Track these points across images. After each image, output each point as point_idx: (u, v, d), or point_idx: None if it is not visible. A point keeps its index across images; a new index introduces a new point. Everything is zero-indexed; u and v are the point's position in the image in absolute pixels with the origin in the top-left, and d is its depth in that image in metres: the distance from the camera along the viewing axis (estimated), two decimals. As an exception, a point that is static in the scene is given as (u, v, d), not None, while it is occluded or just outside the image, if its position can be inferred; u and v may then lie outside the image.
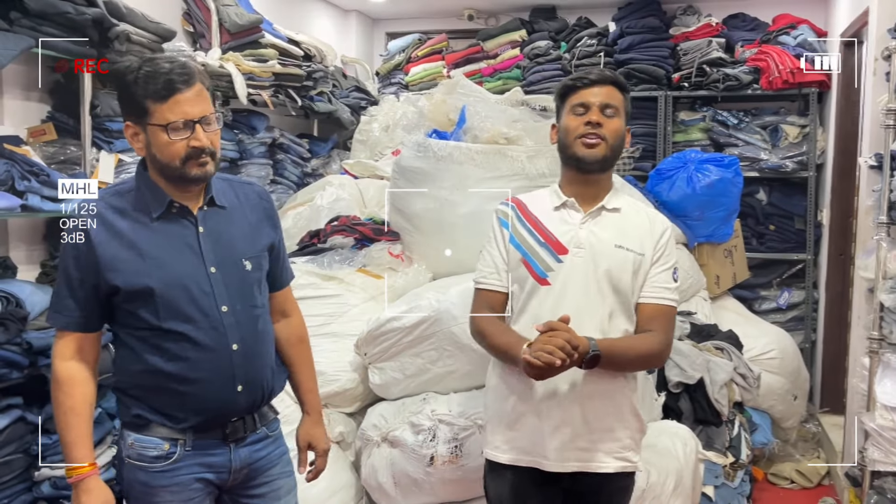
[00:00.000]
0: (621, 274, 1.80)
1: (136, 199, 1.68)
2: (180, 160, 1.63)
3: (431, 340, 2.57)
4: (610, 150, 1.82)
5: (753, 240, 4.78)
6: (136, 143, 1.67)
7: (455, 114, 3.25)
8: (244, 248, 1.77)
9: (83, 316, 1.67)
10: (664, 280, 1.84)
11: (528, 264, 1.83)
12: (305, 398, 1.98)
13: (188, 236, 1.69)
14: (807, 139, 4.62)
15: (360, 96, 5.09)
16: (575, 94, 1.84)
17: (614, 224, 1.85)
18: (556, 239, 1.82)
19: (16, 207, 2.51)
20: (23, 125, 2.86)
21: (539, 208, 1.88)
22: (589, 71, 1.87)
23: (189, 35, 3.87)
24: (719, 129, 4.79)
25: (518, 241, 1.85)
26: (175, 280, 1.65)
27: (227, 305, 1.70)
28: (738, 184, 4.10)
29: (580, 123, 1.81)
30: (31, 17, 2.60)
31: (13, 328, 2.37)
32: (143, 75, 1.60)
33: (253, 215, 1.81)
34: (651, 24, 4.91)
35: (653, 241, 1.84)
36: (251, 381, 1.74)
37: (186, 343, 1.66)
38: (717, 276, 4.21)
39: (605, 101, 1.82)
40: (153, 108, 1.60)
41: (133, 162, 3.03)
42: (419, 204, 2.94)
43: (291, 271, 1.98)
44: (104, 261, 1.63)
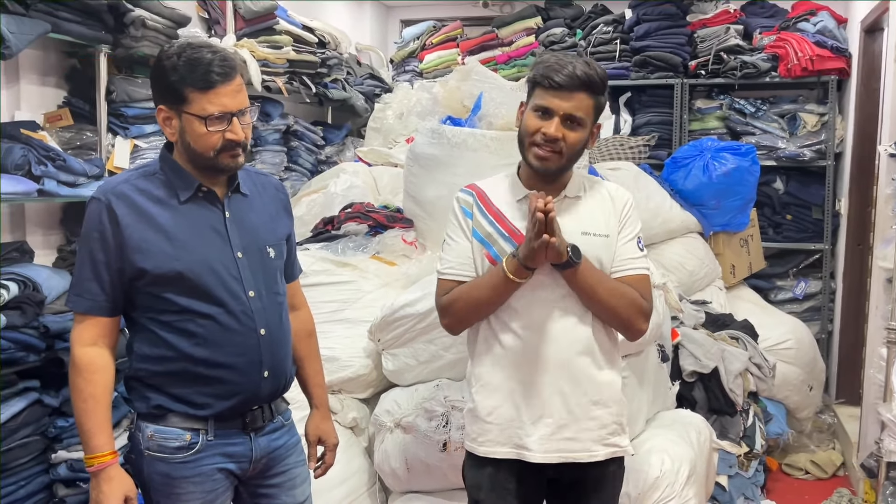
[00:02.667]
0: (594, 261, 1.76)
1: (163, 182, 1.67)
2: (214, 151, 1.62)
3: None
4: (566, 160, 1.75)
5: (770, 229, 4.74)
6: (168, 127, 1.64)
7: (469, 100, 3.24)
8: (266, 235, 1.77)
9: (107, 300, 1.64)
10: (628, 252, 1.80)
11: (491, 258, 1.77)
12: (314, 392, 1.97)
13: (215, 221, 1.69)
14: (825, 127, 4.56)
15: (374, 84, 5.08)
16: (541, 91, 1.72)
17: (578, 211, 1.80)
18: (519, 232, 1.76)
19: (32, 192, 2.53)
20: (39, 110, 2.87)
21: (500, 199, 1.82)
22: (562, 66, 1.69)
23: (204, 21, 3.87)
24: (736, 117, 4.74)
25: (480, 232, 1.79)
26: (204, 263, 1.64)
27: (254, 290, 1.69)
28: (754, 172, 4.06)
29: (538, 129, 1.71)
30: (46, 2, 2.61)
31: (30, 312, 2.40)
32: (183, 62, 1.58)
33: (272, 205, 1.82)
34: (668, 11, 4.86)
35: (616, 217, 1.81)
36: (276, 368, 1.74)
37: (216, 326, 1.64)
38: (732, 265, 4.18)
39: (569, 111, 1.70)
40: (192, 96, 1.58)
41: (149, 147, 3.05)
42: (433, 191, 2.93)
43: (300, 266, 1.99)
44: (132, 243, 1.61)
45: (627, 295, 1.76)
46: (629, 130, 4.86)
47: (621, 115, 4.91)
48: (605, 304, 1.75)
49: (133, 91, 3.02)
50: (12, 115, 2.77)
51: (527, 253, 1.66)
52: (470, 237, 1.80)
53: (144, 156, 3.01)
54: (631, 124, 4.90)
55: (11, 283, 2.38)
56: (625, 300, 1.75)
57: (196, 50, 1.59)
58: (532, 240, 1.64)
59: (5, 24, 2.41)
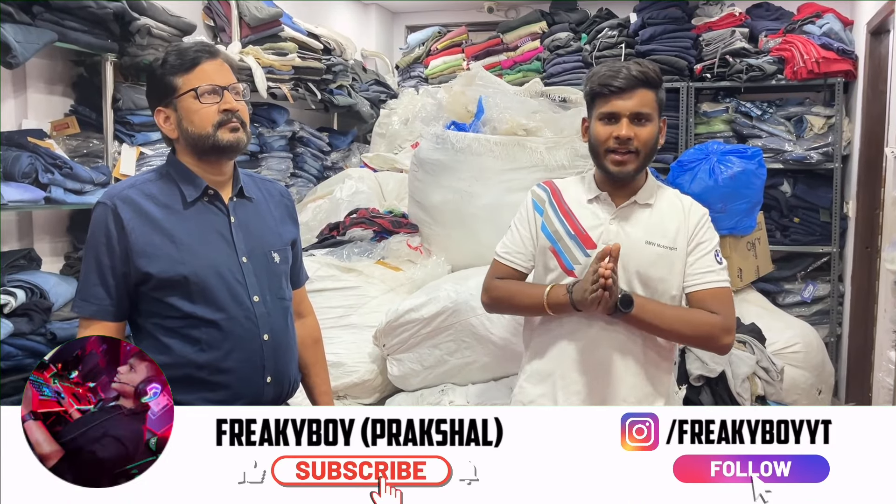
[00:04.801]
0: (650, 270, 1.76)
1: (168, 187, 1.67)
2: (213, 126, 1.63)
3: (450, 332, 2.57)
4: (643, 160, 1.76)
5: (777, 232, 4.72)
6: (168, 125, 1.66)
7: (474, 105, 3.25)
8: (272, 240, 1.76)
9: (113, 304, 1.64)
10: (706, 265, 1.78)
11: (556, 253, 1.81)
12: (321, 400, 1.95)
13: (220, 225, 1.68)
14: (832, 130, 4.55)
15: (379, 90, 5.09)
16: (602, 100, 1.74)
17: (646, 219, 1.80)
18: (585, 233, 1.79)
19: (40, 200, 2.54)
20: (46, 119, 2.89)
21: (572, 198, 1.84)
22: (617, 71, 1.72)
23: (209, 29, 3.89)
24: (742, 120, 4.73)
25: (549, 228, 1.82)
26: (209, 268, 1.64)
27: (258, 296, 1.68)
28: (761, 175, 4.04)
29: (609, 135, 1.73)
30: (53, 12, 2.63)
31: (37, 319, 2.41)
32: (168, 55, 1.65)
33: (277, 211, 1.82)
34: (673, 15, 4.86)
35: (687, 232, 1.79)
36: (279, 374, 1.73)
37: (218, 332, 1.64)
38: (739, 268, 4.16)
39: (635, 109, 1.72)
40: (180, 80, 1.62)
41: (154, 154, 3.06)
42: (438, 196, 2.93)
43: (306, 272, 1.99)
44: (137, 247, 1.61)
45: (694, 320, 1.74)
46: (635, 134, 4.85)
47: (627, 119, 4.90)
48: (670, 335, 1.77)
49: (139, 99, 3.04)
50: (19, 123, 2.79)
51: (580, 299, 1.67)
52: (536, 232, 1.84)
53: (150, 163, 3.03)
54: (636, 128, 4.88)
55: (19, 291, 2.40)
56: (691, 325, 1.74)
57: (176, 46, 1.69)
58: (588, 291, 1.64)
59: (12, 33, 2.43)
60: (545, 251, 1.82)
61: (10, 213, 2.70)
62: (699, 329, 1.74)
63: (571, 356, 1.78)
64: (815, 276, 4.72)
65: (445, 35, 5.55)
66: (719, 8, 4.87)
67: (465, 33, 5.54)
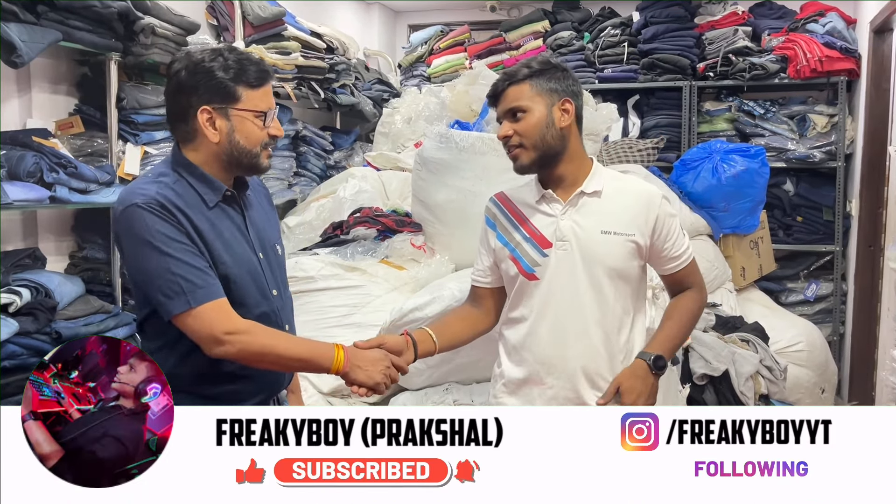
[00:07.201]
0: (615, 261, 1.77)
1: (185, 189, 1.62)
2: (260, 147, 1.65)
3: (453, 331, 2.57)
4: (535, 150, 1.76)
5: (780, 231, 4.71)
6: (210, 128, 1.60)
7: (477, 104, 3.25)
8: (273, 233, 1.80)
9: (213, 276, 1.58)
10: (677, 247, 1.83)
11: (515, 259, 1.82)
12: (289, 399, 1.93)
13: (239, 223, 1.70)
14: (835, 129, 4.54)
15: (382, 88, 5.10)
16: (492, 111, 1.85)
17: (598, 209, 1.79)
18: (540, 233, 1.80)
19: (44, 199, 2.55)
20: (51, 118, 2.90)
21: (522, 202, 1.86)
22: (493, 86, 1.83)
23: (213, 28, 3.90)
24: (745, 119, 4.72)
25: (505, 237, 1.86)
26: (242, 266, 1.65)
27: (276, 289, 1.72)
28: (764, 174, 4.04)
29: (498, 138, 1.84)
30: (57, 11, 2.64)
31: (42, 318, 2.42)
32: (233, 62, 1.60)
33: (265, 203, 1.84)
34: (676, 13, 4.85)
35: (647, 222, 1.79)
36: None
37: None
38: (742, 267, 4.16)
39: (507, 107, 1.78)
40: (246, 94, 1.61)
41: (158, 154, 3.07)
42: (442, 195, 2.93)
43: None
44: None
45: (691, 310, 1.89)
46: (638, 133, 4.85)
47: (630, 118, 4.91)
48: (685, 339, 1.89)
49: (143, 98, 3.05)
50: (24, 122, 2.80)
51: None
52: (494, 243, 1.88)
53: (154, 162, 3.04)
54: (639, 127, 4.88)
55: (24, 289, 2.41)
56: (691, 322, 1.90)
57: (235, 52, 1.64)
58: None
59: (17, 32, 2.44)
60: (506, 260, 1.85)
61: (15, 213, 2.71)
62: (695, 317, 1.90)
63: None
64: (818, 275, 4.72)
65: (448, 34, 5.54)
66: (722, 6, 4.86)
67: (467, 32, 5.54)
